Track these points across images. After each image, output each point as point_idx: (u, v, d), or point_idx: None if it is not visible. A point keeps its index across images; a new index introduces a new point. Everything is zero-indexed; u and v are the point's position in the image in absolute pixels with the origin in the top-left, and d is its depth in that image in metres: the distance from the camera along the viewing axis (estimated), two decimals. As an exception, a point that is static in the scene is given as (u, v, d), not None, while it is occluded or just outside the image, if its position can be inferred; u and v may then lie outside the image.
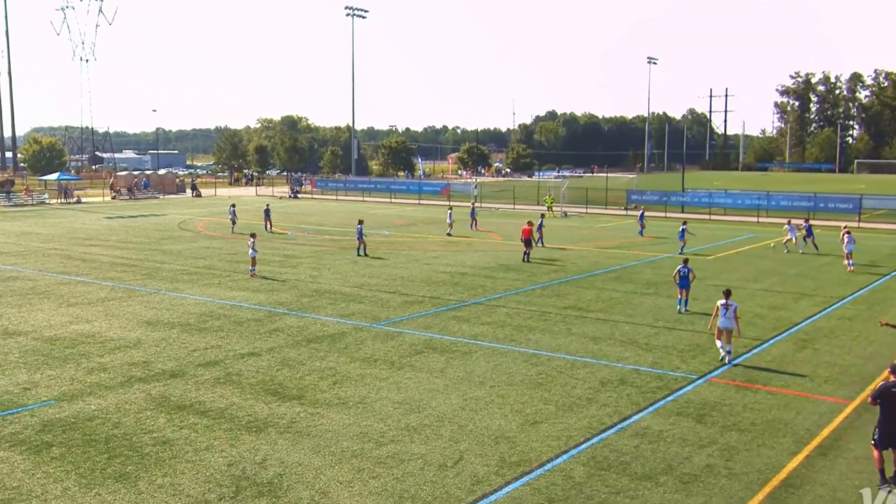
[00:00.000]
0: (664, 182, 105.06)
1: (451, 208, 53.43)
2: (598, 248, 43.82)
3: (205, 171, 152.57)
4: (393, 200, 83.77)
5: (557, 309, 26.97)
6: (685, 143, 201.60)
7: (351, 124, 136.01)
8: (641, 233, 49.97)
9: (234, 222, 51.18)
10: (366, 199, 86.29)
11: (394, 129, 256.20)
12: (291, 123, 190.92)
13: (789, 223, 41.06)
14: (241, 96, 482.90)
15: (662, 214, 65.47)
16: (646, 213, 50.15)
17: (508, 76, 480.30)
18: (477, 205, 73.75)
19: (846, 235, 36.77)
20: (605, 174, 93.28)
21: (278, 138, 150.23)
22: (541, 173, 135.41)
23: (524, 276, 33.68)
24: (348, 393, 17.89)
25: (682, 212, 68.56)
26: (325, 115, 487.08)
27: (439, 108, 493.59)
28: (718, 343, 20.75)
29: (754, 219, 62.16)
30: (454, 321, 24.97)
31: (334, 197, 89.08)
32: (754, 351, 21.79)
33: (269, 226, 50.67)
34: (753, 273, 35.41)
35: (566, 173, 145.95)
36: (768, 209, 65.03)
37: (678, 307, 26.81)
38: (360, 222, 40.69)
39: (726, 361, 20.40)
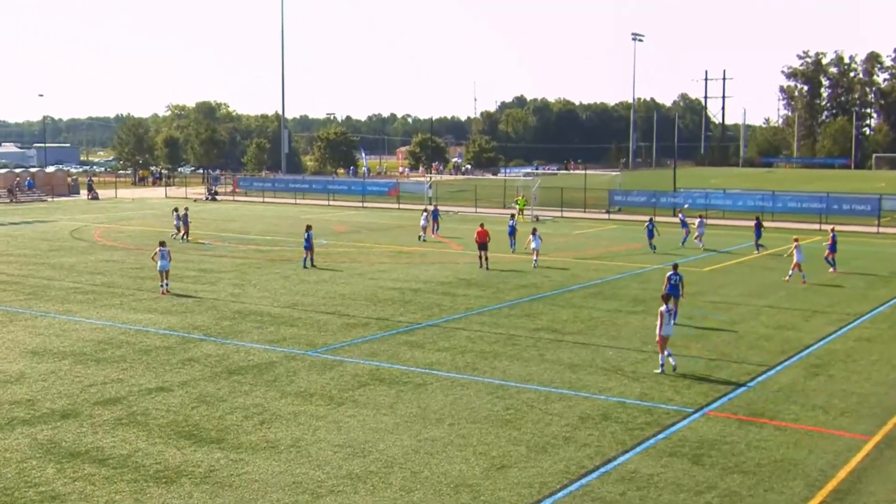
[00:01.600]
0: (653, 180, 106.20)
1: (426, 210, 54.27)
2: (576, 258, 44.15)
3: (103, 169, 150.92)
4: (332, 203, 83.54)
5: (528, 331, 27.07)
6: (677, 135, 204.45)
7: (280, 112, 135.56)
8: (652, 247, 46.69)
9: (180, 229, 50.93)
10: (299, 201, 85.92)
11: (332, 117, 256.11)
12: (208, 111, 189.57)
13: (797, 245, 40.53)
14: (147, 78, 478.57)
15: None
16: (653, 221, 49.61)
17: (469, 55, 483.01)
18: (431, 208, 73.93)
19: (796, 245, 37.43)
20: (583, 171, 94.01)
21: (193, 129, 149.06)
22: (507, 170, 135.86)
23: (489, 293, 33.77)
24: (278, 435, 17.75)
25: (674, 215, 69.34)
26: (250, 101, 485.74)
27: (386, 94, 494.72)
28: (666, 353, 22.36)
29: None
30: (405, 347, 24.93)
31: (260, 199, 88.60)
32: (759, 379, 22.10)
33: (185, 234, 50.47)
34: (757, 287, 35.93)
35: (537, 170, 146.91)
36: (774, 212, 66.10)
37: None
38: (309, 228, 40.87)
39: (666, 372, 22.21)
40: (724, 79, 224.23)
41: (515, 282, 36.38)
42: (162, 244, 34.50)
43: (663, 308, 22.25)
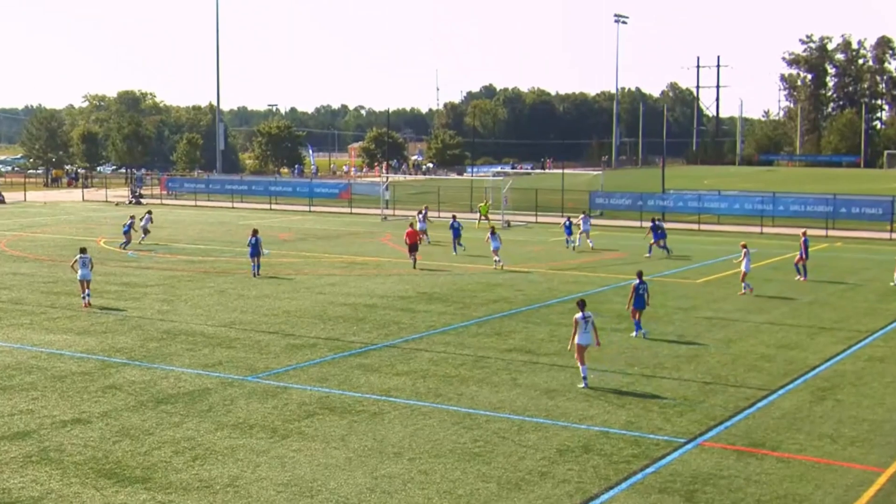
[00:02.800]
0: (638, 180, 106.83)
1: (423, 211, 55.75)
2: (553, 269, 44.31)
3: (10, 168, 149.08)
4: (274, 207, 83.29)
5: (499, 352, 27.12)
6: (665, 129, 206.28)
7: (215, 103, 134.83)
8: (665, 249, 49.14)
9: (146, 231, 53.35)
10: (237, 205, 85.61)
11: (274, 110, 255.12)
12: (132, 102, 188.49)
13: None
14: (61, 65, 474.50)
15: (637, 224, 66.64)
16: (655, 226, 49.98)
17: (430, 38, 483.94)
18: (388, 212, 73.93)
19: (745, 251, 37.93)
20: (560, 170, 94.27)
21: (114, 122, 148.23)
22: (475, 169, 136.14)
23: (454, 308, 33.80)
24: (213, 473, 17.63)
25: (663, 219, 69.81)
26: (180, 91, 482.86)
27: (337, 83, 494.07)
28: (581, 368, 23.43)
29: (757, 228, 63.82)
30: (359, 371, 24.87)
31: (192, 202, 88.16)
32: (759, 404, 22.28)
33: (126, 243, 50.94)
34: (756, 301, 36.27)
35: (508, 169, 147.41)
36: (775, 216, 66.81)
37: (635, 332, 28.99)
38: (256, 233, 41.83)
39: (581, 386, 23.31)
40: (718, 66, 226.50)
41: (484, 296, 36.44)
42: (83, 251, 34.54)
43: (578, 315, 23.54)
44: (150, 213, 55.27)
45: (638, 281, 29.16)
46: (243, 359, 26.11)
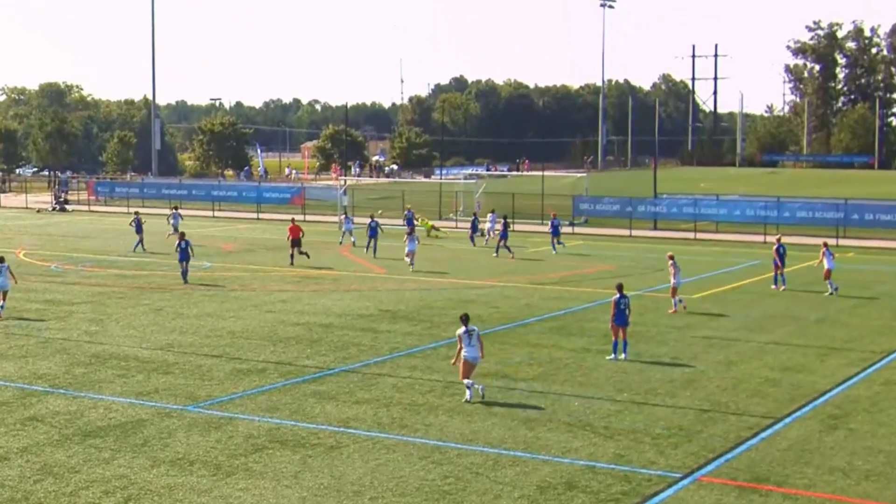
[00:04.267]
0: (627, 183, 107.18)
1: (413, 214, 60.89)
2: (532, 283, 44.40)
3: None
4: (218, 214, 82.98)
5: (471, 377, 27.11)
6: (658, 126, 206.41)
7: (150, 97, 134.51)
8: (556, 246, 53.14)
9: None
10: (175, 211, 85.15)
11: (217, 104, 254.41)
12: (56, 95, 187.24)
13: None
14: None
15: (626, 232, 66.89)
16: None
17: (393, 24, 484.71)
18: (346, 219, 73.90)
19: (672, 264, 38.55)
20: (539, 172, 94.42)
21: (35, 118, 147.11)
22: (444, 171, 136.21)
23: (420, 328, 33.79)
24: (149, 515, 17.51)
25: (655, 227, 70.11)
26: (110, 83, 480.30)
27: (288, 74, 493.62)
28: (466, 382, 24.55)
29: (759, 237, 64.09)
30: (313, 399, 24.82)
31: (125, 209, 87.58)
32: (763, 434, 22.39)
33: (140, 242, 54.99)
34: (759, 319, 36.48)
35: (482, 171, 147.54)
36: (780, 223, 66.92)
37: (613, 355, 29.03)
38: (183, 236, 44.04)
39: (472, 400, 24.48)
40: (715, 56, 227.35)
41: (455, 313, 36.27)
42: (0, 260, 34.88)
43: (461, 330, 24.53)
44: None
45: (619, 295, 29.27)
46: (182, 386, 25.96)
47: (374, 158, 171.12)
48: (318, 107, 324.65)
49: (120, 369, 27.74)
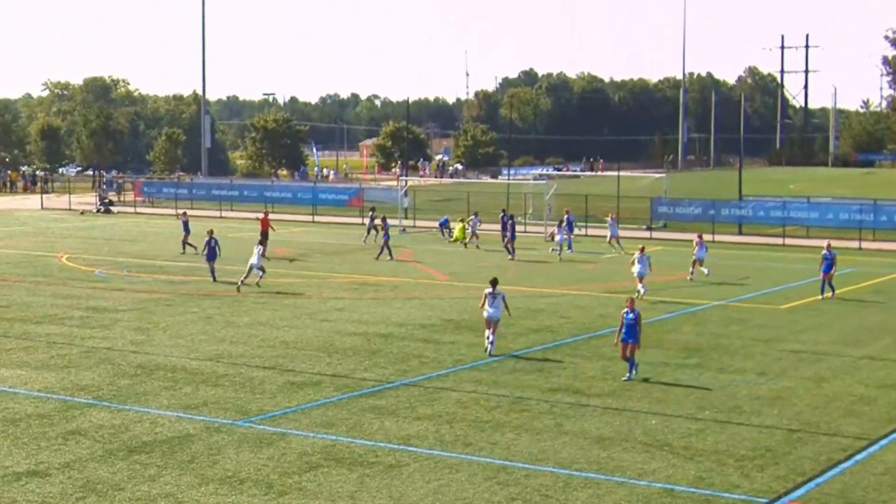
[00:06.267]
0: (710, 185, 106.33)
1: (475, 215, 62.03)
2: (606, 292, 44.18)
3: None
4: (270, 217, 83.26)
5: (541, 392, 27.04)
6: (743, 123, 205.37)
7: (200, 92, 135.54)
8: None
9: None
10: (225, 213, 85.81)
11: (271, 100, 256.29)
12: (101, 90, 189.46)
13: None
14: (16, 47, 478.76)
15: (708, 237, 66.32)
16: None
17: (459, 16, 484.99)
18: (406, 223, 73.95)
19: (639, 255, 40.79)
20: (615, 172, 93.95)
21: (79, 114, 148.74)
22: (512, 171, 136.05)
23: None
24: (196, 536, 17.62)
25: (740, 232, 69.53)
26: (158, 77, 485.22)
27: (346, 67, 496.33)
28: (487, 334, 31.00)
29: (854, 243, 63.32)
30: (371, 414, 24.83)
31: (172, 210, 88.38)
32: (857, 457, 22.11)
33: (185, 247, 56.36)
34: (853, 331, 36.06)
35: (552, 171, 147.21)
36: (876, 227, 66.36)
37: (628, 374, 28.34)
38: (211, 233, 46.35)
39: (488, 354, 30.62)
40: (806, 47, 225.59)
41: (523, 323, 36.37)
42: None
43: (487, 290, 30.76)
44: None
45: (627, 308, 28.48)
46: (233, 399, 26.09)
47: (438, 157, 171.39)
48: (377, 102, 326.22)
49: (167, 381, 27.94)
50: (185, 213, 61.08)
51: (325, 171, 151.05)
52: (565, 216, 60.26)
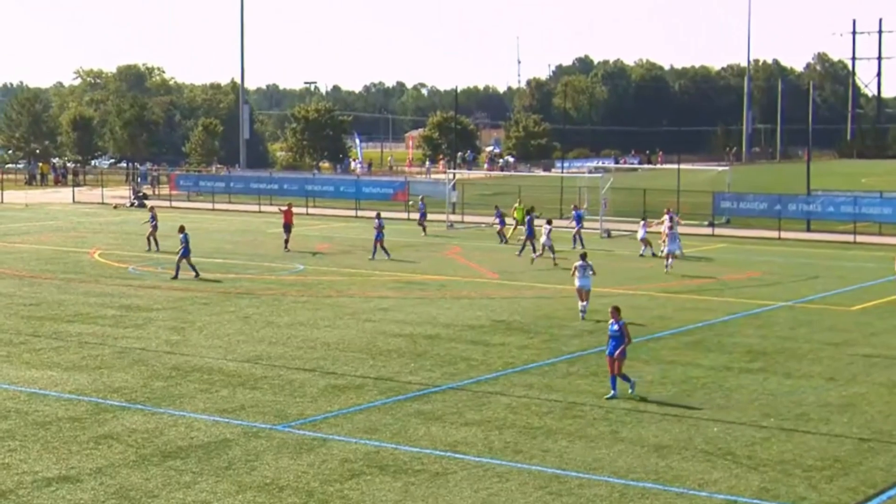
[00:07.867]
0: (776, 179, 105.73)
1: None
2: (665, 292, 43.97)
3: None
4: (311, 211, 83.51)
5: (596, 397, 26.97)
6: (812, 113, 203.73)
7: (238, 81, 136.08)
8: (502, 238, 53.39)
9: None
10: (265, 207, 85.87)
11: (312, 89, 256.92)
12: (135, 79, 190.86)
13: None
14: (47, 34, 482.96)
15: (774, 234, 65.98)
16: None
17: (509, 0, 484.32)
18: (454, 219, 73.94)
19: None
20: (675, 165, 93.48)
21: (113, 104, 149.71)
22: (566, 164, 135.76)
23: (538, 341, 33.66)
24: (233, 546, 17.68)
25: (808, 229, 69.03)
26: (195, 65, 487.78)
27: (391, 55, 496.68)
28: (580, 304, 36.52)
29: (930, 241, 62.81)
30: (417, 420, 24.84)
31: (210, 205, 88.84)
32: (934, 470, 21.86)
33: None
34: (930, 334, 35.71)
35: (609, 164, 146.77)
36: (954, 225, 65.70)
37: (612, 392, 26.99)
38: (182, 230, 46.36)
39: (580, 319, 35.89)
40: (879, 32, 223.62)
41: (577, 325, 36.29)
42: None
43: (578, 263, 34.26)
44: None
45: (612, 318, 27.54)
46: (271, 403, 26.16)
47: (487, 149, 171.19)
48: (424, 91, 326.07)
49: (203, 383, 28.05)
50: (153, 208, 60.26)
51: (352, 164, 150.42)
52: (573, 211, 61.18)
